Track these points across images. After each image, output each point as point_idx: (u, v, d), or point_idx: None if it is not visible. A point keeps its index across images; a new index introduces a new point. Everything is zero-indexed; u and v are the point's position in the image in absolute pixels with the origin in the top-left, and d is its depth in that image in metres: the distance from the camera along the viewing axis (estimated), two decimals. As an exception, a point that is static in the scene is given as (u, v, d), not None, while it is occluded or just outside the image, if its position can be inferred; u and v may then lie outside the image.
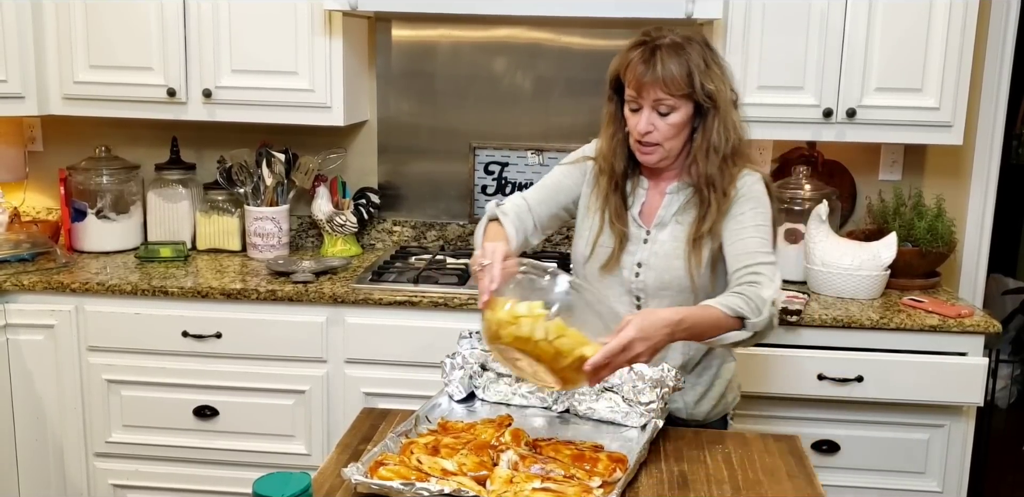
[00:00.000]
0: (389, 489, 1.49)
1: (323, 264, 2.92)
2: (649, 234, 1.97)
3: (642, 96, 1.85)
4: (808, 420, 2.61)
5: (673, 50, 1.83)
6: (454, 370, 1.93)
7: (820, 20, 2.70)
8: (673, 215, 1.95)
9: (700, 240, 1.91)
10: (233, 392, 2.75)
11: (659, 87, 1.82)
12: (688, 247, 1.91)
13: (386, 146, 3.25)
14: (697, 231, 1.91)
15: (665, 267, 1.93)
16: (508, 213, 1.99)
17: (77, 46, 2.91)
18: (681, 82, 1.82)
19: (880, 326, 2.55)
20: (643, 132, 1.87)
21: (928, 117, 2.73)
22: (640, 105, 1.87)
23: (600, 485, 1.53)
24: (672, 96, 1.84)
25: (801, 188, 2.94)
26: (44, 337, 2.77)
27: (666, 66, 1.81)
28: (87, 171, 3.12)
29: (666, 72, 1.81)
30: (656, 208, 1.98)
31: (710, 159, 1.89)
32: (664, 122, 1.86)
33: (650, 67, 1.82)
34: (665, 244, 1.94)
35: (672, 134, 1.88)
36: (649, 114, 1.86)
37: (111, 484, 2.85)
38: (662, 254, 1.94)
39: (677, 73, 1.82)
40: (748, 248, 1.85)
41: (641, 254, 1.96)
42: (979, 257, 3.10)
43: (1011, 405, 4.45)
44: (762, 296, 1.75)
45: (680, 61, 1.82)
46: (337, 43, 2.85)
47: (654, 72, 1.82)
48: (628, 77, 1.86)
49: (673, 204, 1.96)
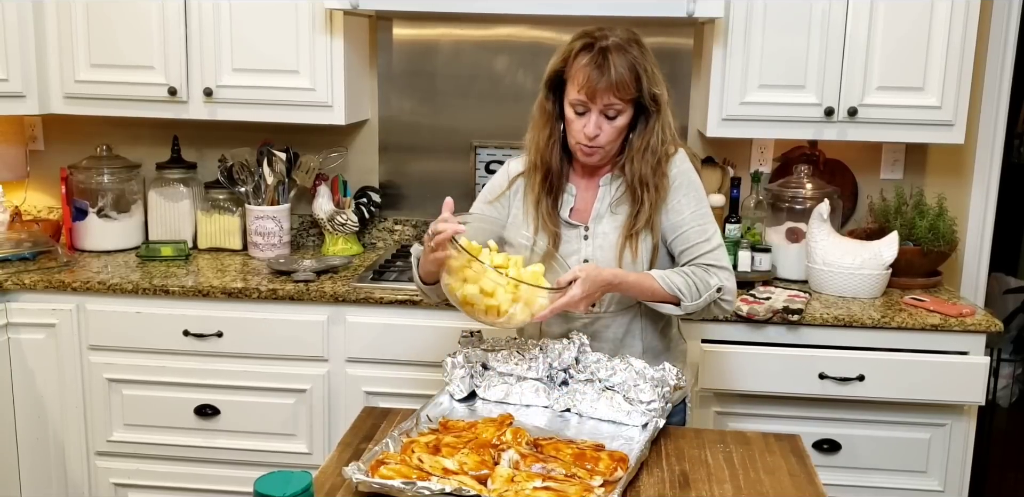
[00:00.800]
0: (390, 488, 1.49)
1: (324, 263, 2.92)
2: (588, 230, 1.99)
3: (593, 101, 1.86)
4: (809, 419, 2.61)
5: (621, 53, 1.84)
6: (455, 369, 1.93)
7: (821, 19, 2.69)
8: (609, 206, 1.98)
9: (636, 236, 1.95)
10: (234, 391, 2.75)
11: (612, 92, 1.84)
12: (623, 241, 1.95)
13: (387, 145, 3.25)
14: (631, 228, 1.95)
15: (612, 258, 1.96)
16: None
17: (78, 45, 2.91)
18: (631, 87, 1.85)
19: (881, 325, 2.55)
20: (591, 136, 1.89)
21: (929, 116, 2.73)
22: (588, 109, 1.88)
23: (601, 484, 1.53)
24: (622, 100, 1.86)
25: (802, 187, 2.94)
26: (45, 336, 2.77)
27: (618, 71, 1.83)
28: (88, 170, 3.12)
29: (619, 78, 1.83)
30: (590, 204, 2.00)
31: (646, 159, 1.93)
32: (610, 125, 1.89)
33: (604, 73, 1.83)
34: (608, 236, 1.97)
35: (616, 136, 1.92)
36: (597, 118, 1.88)
37: (112, 483, 2.85)
38: (607, 246, 1.97)
39: (628, 78, 1.84)
40: (690, 241, 1.95)
41: (585, 250, 1.98)
42: (980, 256, 3.10)
43: (1012, 404, 4.45)
44: (708, 282, 1.91)
45: (630, 65, 1.84)
46: (338, 42, 2.84)
47: (608, 78, 1.83)
48: (577, 81, 1.86)
49: (607, 196, 1.99)
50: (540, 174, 1.99)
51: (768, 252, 2.87)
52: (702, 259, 1.94)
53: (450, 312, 2.65)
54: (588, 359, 1.89)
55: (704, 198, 2.01)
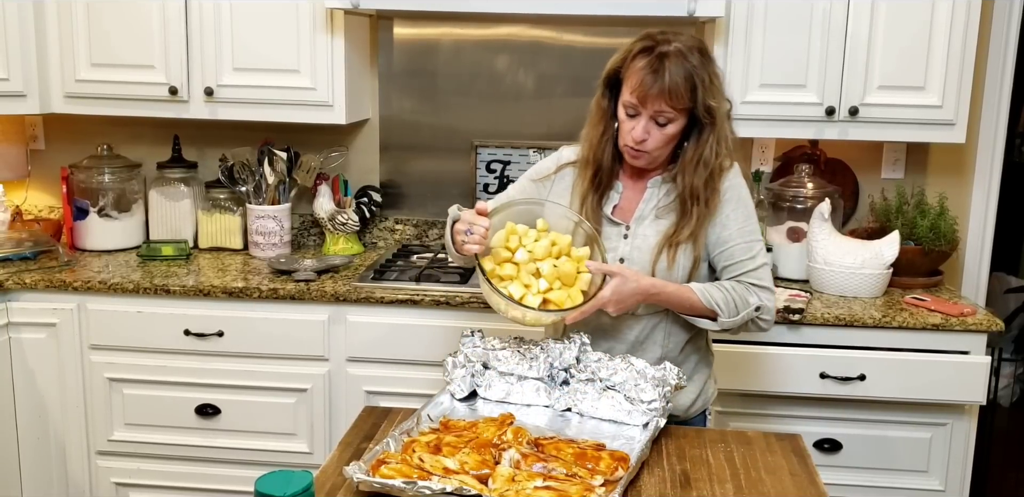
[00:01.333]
0: (391, 488, 1.48)
1: (325, 262, 2.92)
2: (629, 229, 1.98)
3: (644, 106, 1.84)
4: (810, 419, 2.61)
5: (679, 61, 1.81)
6: (456, 368, 1.93)
7: (823, 18, 2.69)
8: (653, 208, 1.97)
9: (676, 247, 1.93)
10: (235, 390, 2.75)
11: (663, 100, 1.81)
12: (662, 248, 1.93)
13: (388, 144, 3.25)
14: (673, 237, 1.93)
15: (649, 261, 1.94)
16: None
17: (79, 44, 2.91)
18: (685, 96, 1.82)
19: (882, 325, 2.55)
20: (638, 140, 1.87)
21: (931, 115, 2.73)
22: (638, 113, 1.86)
23: (602, 483, 1.53)
24: (674, 109, 1.83)
25: (803, 186, 2.94)
26: (46, 335, 2.77)
27: (673, 79, 1.80)
28: (89, 169, 3.12)
29: (672, 86, 1.80)
30: (634, 203, 1.99)
31: (698, 172, 1.90)
32: (660, 132, 1.87)
33: (657, 79, 1.80)
34: (648, 238, 1.96)
35: (665, 143, 1.89)
36: (646, 123, 1.86)
37: (113, 482, 2.85)
38: (645, 248, 1.95)
39: (683, 87, 1.81)
40: (735, 257, 1.93)
41: (623, 249, 1.97)
42: (982, 255, 3.09)
43: (1013, 404, 4.45)
44: (748, 300, 1.90)
45: (686, 74, 1.81)
46: (339, 41, 2.84)
47: (661, 84, 1.80)
48: (631, 83, 1.84)
49: (653, 198, 1.97)
50: (591, 170, 1.98)
51: (769, 251, 2.87)
52: (744, 277, 1.92)
53: (451, 311, 2.66)
54: (589, 358, 1.89)
55: (753, 214, 1.98)
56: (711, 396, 2.11)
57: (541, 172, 2.08)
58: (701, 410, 2.08)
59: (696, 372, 2.06)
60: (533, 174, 2.09)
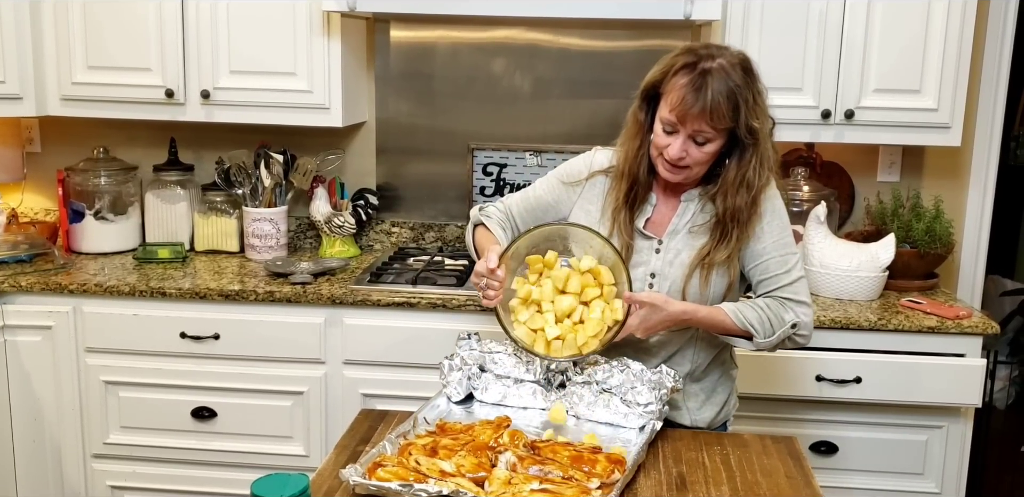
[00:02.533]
0: (387, 490, 1.48)
1: (321, 265, 2.92)
2: (661, 244, 1.93)
3: (683, 124, 1.77)
4: (806, 421, 2.61)
5: (723, 78, 1.74)
6: (452, 371, 1.93)
7: (819, 21, 2.70)
8: (687, 224, 1.92)
9: (710, 267, 1.88)
10: (231, 393, 2.75)
11: (704, 120, 1.74)
12: (695, 268, 1.88)
13: (384, 147, 3.25)
14: (710, 258, 1.87)
15: (680, 276, 1.90)
16: (492, 217, 2.02)
17: (75, 47, 2.91)
18: (727, 117, 1.75)
19: (878, 327, 2.55)
20: (675, 158, 1.80)
21: (926, 118, 2.73)
22: (676, 130, 1.79)
23: (598, 486, 1.53)
24: (715, 129, 1.77)
25: (799, 189, 2.94)
26: (42, 338, 2.77)
27: (715, 98, 1.72)
28: (85, 172, 3.12)
29: (715, 105, 1.72)
30: (668, 218, 1.94)
31: (740, 194, 1.84)
32: (699, 150, 1.80)
33: (699, 97, 1.73)
34: (680, 253, 1.91)
35: (703, 161, 1.83)
36: (684, 141, 1.79)
37: (109, 485, 2.85)
38: (677, 263, 1.91)
39: (725, 107, 1.73)
40: (770, 271, 1.89)
41: (655, 264, 1.92)
42: (977, 258, 3.10)
43: (1009, 406, 4.45)
44: (783, 318, 1.85)
45: (729, 93, 1.74)
46: (335, 44, 2.84)
47: (703, 103, 1.72)
48: (672, 101, 1.76)
49: (687, 212, 1.92)
50: (626, 184, 1.90)
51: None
52: (780, 292, 1.88)
53: (447, 314, 2.65)
54: (585, 362, 1.89)
55: (788, 227, 1.93)
56: (732, 408, 2.10)
57: (572, 175, 2.00)
58: (723, 422, 2.07)
59: (720, 385, 2.04)
60: (564, 176, 2.01)
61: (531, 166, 3.14)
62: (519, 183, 3.15)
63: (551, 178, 2.04)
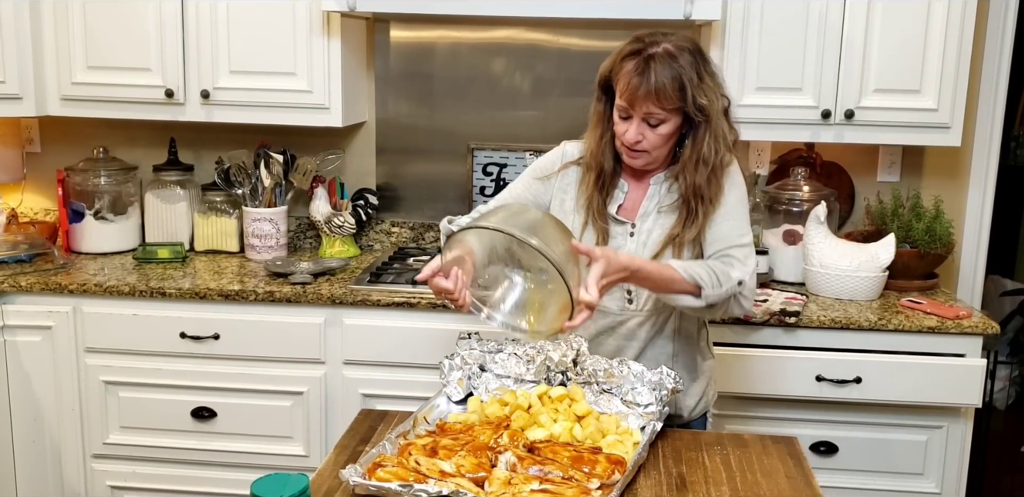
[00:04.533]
0: (387, 491, 1.48)
1: (321, 265, 2.92)
2: (635, 227, 1.98)
3: (633, 108, 1.85)
4: (806, 421, 2.61)
5: (667, 61, 1.81)
6: (452, 371, 1.93)
7: (819, 21, 2.70)
8: (656, 205, 1.98)
9: (682, 245, 1.93)
10: (231, 393, 2.75)
11: (651, 101, 1.82)
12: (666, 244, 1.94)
13: (384, 147, 3.25)
14: (680, 237, 1.93)
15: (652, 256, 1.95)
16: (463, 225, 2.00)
17: (75, 47, 2.91)
18: (673, 96, 1.82)
19: (878, 327, 2.55)
20: (632, 142, 1.88)
21: (926, 118, 2.73)
22: (630, 115, 1.87)
23: (599, 487, 1.53)
24: (664, 110, 1.84)
25: (799, 189, 2.94)
26: (42, 338, 2.77)
27: (659, 80, 1.80)
28: (85, 172, 3.12)
29: (659, 86, 1.80)
30: (639, 201, 2.00)
31: (699, 171, 1.90)
32: (653, 133, 1.87)
33: (644, 80, 1.80)
34: (652, 234, 1.97)
35: (660, 143, 1.90)
36: (639, 124, 1.86)
37: (108, 486, 2.85)
38: (650, 244, 1.96)
39: (670, 87, 1.80)
40: (722, 232, 1.93)
41: (629, 247, 1.97)
42: (977, 258, 3.10)
43: (1009, 406, 4.45)
44: (728, 273, 1.86)
45: (674, 74, 1.81)
46: (335, 44, 2.84)
47: (647, 86, 1.80)
48: (620, 87, 1.86)
49: (656, 195, 1.98)
50: (594, 173, 1.98)
51: (765, 254, 2.88)
52: (727, 251, 1.91)
53: (447, 314, 2.65)
54: (586, 362, 1.89)
55: (746, 202, 1.98)
56: (711, 399, 2.12)
57: (545, 169, 2.07)
58: (703, 413, 2.09)
59: (700, 373, 2.07)
60: (537, 172, 2.08)
61: (531, 166, 3.14)
62: (519, 183, 3.15)
63: (525, 177, 2.09)
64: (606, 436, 1.72)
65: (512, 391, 1.84)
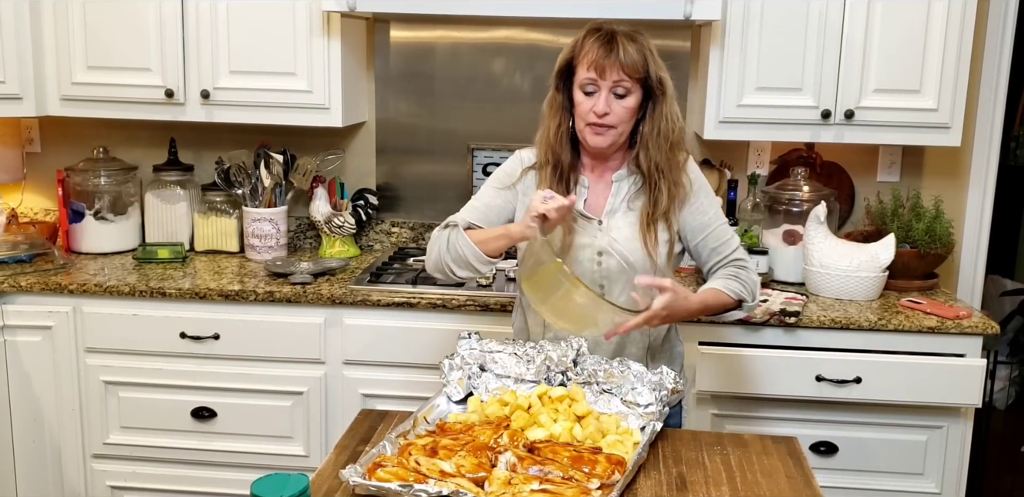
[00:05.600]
0: (387, 491, 1.48)
1: (321, 265, 2.92)
2: (602, 223, 2.00)
3: (603, 77, 1.90)
4: (806, 421, 2.61)
5: (629, 36, 1.91)
6: (452, 371, 1.93)
7: (818, 21, 2.70)
8: (623, 201, 2.00)
9: (654, 224, 1.98)
10: (231, 393, 2.75)
11: (619, 68, 1.89)
12: (643, 230, 1.98)
13: (384, 147, 3.25)
14: (651, 216, 1.98)
15: (627, 250, 1.97)
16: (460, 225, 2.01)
17: (75, 47, 2.91)
18: (639, 66, 1.90)
19: (878, 327, 2.55)
20: (601, 112, 1.91)
21: (926, 118, 2.73)
22: (598, 87, 1.91)
23: (599, 487, 1.53)
24: (630, 78, 1.90)
25: (799, 189, 2.94)
26: (42, 338, 2.77)
27: (626, 49, 1.89)
28: (85, 172, 3.12)
29: (627, 55, 1.88)
30: (603, 198, 2.02)
31: (659, 145, 1.96)
32: (620, 105, 1.92)
33: (612, 50, 1.89)
34: (622, 230, 1.99)
35: (627, 117, 1.94)
36: (607, 96, 1.91)
37: (109, 486, 2.85)
38: (621, 239, 1.98)
39: (636, 57, 1.89)
40: (720, 239, 2.03)
41: (600, 241, 1.99)
42: (977, 258, 3.10)
43: (1009, 406, 4.45)
44: (753, 279, 2.01)
45: (637, 47, 1.90)
46: (335, 44, 2.84)
47: (616, 54, 1.88)
48: (587, 60, 1.91)
49: (621, 191, 2.01)
50: (550, 167, 2.01)
51: (765, 254, 2.88)
52: (734, 255, 2.02)
53: (447, 314, 2.65)
54: (586, 362, 1.89)
55: (717, 200, 2.10)
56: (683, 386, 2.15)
57: (508, 177, 2.08)
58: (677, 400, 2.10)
59: (672, 360, 2.13)
60: (499, 181, 2.09)
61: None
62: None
63: (488, 188, 2.09)
64: (606, 436, 1.72)
65: (512, 391, 1.84)
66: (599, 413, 1.80)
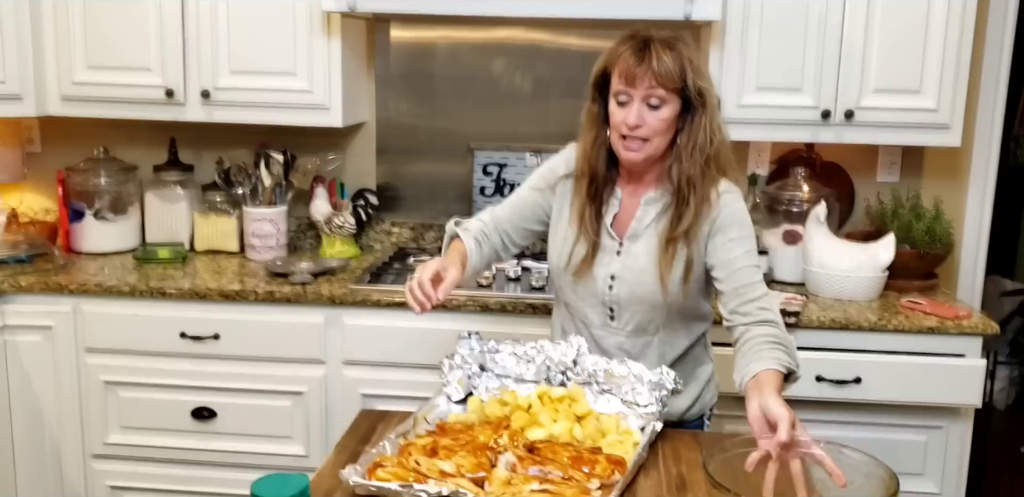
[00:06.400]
0: (387, 491, 1.48)
1: (321, 265, 2.92)
2: (622, 246, 1.95)
3: (634, 87, 1.81)
4: (806, 421, 2.57)
5: (666, 44, 1.81)
6: (452, 371, 1.93)
7: (818, 21, 2.70)
8: (646, 227, 1.93)
9: (674, 243, 1.89)
10: (231, 393, 2.75)
11: (652, 78, 1.79)
12: (660, 252, 1.90)
13: (384, 147, 3.25)
14: (672, 232, 1.89)
15: (638, 281, 1.92)
16: (469, 229, 2.01)
17: (75, 46, 2.91)
18: (674, 75, 1.80)
19: (878, 328, 2.55)
20: (633, 125, 1.82)
21: (926, 118, 2.73)
22: (631, 97, 1.82)
23: (598, 487, 1.53)
24: (664, 88, 1.80)
25: (799, 189, 2.94)
26: (42, 338, 2.77)
27: (660, 58, 1.79)
28: (85, 172, 3.12)
29: (660, 63, 1.79)
30: (630, 219, 1.96)
31: (694, 159, 1.85)
32: (654, 116, 1.83)
33: (644, 58, 1.79)
34: (639, 257, 1.93)
35: (661, 129, 1.84)
36: (639, 107, 1.82)
37: (109, 486, 2.85)
38: (636, 268, 1.93)
39: (671, 65, 1.79)
40: (744, 280, 1.87)
41: (614, 266, 1.94)
42: (977, 258, 3.10)
43: (1009, 406, 4.45)
44: (790, 339, 1.85)
45: (674, 55, 1.80)
46: (336, 44, 2.84)
47: (648, 63, 1.79)
48: (619, 69, 1.82)
49: (647, 215, 1.94)
50: (587, 179, 1.94)
51: (765, 255, 2.87)
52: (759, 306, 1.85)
53: (448, 314, 2.65)
54: (586, 362, 1.89)
55: (755, 243, 1.93)
56: (709, 402, 2.11)
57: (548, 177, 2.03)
58: (698, 415, 2.08)
59: (694, 378, 2.05)
60: (539, 180, 2.05)
61: (531, 166, 3.14)
62: (519, 183, 3.14)
63: (527, 187, 2.07)
64: (606, 436, 1.72)
65: (512, 391, 1.85)
66: (599, 413, 1.80)
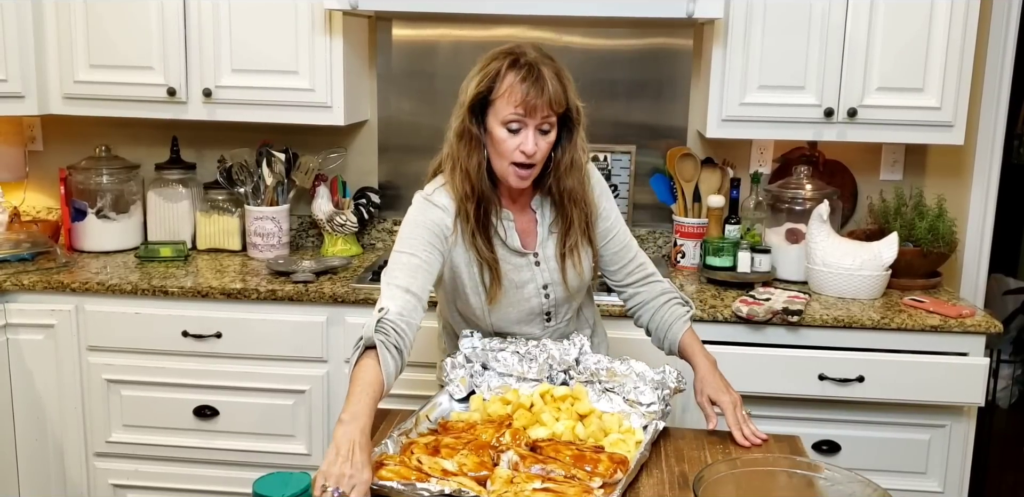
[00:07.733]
0: (389, 489, 1.48)
1: (323, 264, 2.92)
2: (537, 255, 1.94)
3: (532, 116, 1.77)
4: (809, 420, 2.61)
5: (547, 66, 1.79)
6: (455, 369, 1.93)
7: (821, 19, 2.69)
8: (548, 227, 1.95)
9: (574, 251, 1.93)
10: (233, 392, 2.75)
11: (549, 107, 1.77)
12: (562, 260, 1.93)
13: (386, 146, 3.25)
14: (567, 245, 1.92)
15: (560, 280, 1.95)
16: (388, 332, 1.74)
17: (77, 45, 2.91)
18: (563, 99, 1.80)
19: (881, 326, 2.55)
20: (531, 153, 1.79)
21: (929, 117, 2.73)
22: (525, 125, 1.78)
23: (601, 486, 1.53)
24: (555, 114, 1.80)
25: (802, 188, 2.94)
26: (44, 337, 2.77)
27: (551, 84, 1.77)
28: (87, 171, 3.12)
29: (554, 91, 1.77)
30: (533, 228, 1.95)
31: (573, 174, 1.88)
32: (544, 141, 1.81)
33: (541, 86, 1.76)
34: (551, 261, 1.95)
35: (547, 152, 1.84)
36: (535, 134, 1.79)
37: (111, 484, 2.85)
38: (551, 270, 1.95)
39: (559, 89, 1.78)
40: (621, 242, 2.02)
41: (542, 276, 1.95)
42: (980, 257, 3.09)
43: (1012, 405, 4.45)
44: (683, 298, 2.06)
45: (557, 76, 1.79)
46: (337, 42, 2.84)
47: (546, 91, 1.76)
48: (514, 98, 1.76)
49: (545, 218, 1.95)
50: (473, 203, 1.84)
51: (768, 253, 2.87)
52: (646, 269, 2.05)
53: (449, 313, 2.65)
54: (588, 360, 1.89)
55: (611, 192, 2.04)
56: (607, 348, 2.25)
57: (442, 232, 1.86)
58: None
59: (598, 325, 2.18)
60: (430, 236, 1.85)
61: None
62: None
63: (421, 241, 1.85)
64: (608, 435, 1.72)
65: (514, 389, 1.84)
66: (601, 412, 1.79)
